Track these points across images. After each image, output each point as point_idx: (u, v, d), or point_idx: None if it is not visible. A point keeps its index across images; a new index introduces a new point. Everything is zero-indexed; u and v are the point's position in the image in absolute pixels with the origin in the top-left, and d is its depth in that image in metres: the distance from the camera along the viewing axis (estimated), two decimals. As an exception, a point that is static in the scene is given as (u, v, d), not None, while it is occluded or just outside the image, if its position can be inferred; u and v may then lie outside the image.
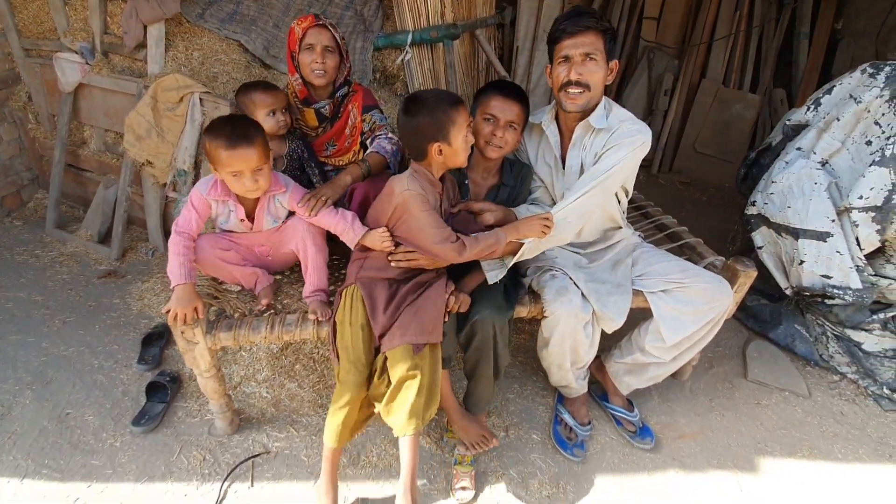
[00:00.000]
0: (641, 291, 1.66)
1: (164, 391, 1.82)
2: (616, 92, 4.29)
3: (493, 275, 1.52)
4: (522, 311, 1.64)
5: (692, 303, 1.58)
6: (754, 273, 1.70)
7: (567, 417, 1.78)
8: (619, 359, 1.79)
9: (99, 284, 2.40)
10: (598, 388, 1.94)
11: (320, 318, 1.49)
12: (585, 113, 1.54)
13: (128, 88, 2.42)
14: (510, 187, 1.67)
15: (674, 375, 2.05)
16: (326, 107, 1.85)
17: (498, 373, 1.63)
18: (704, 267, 1.88)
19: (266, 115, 1.69)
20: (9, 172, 2.84)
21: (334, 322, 1.45)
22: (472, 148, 1.46)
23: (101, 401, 1.81)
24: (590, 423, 1.80)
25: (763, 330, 2.30)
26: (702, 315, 1.59)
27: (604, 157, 1.53)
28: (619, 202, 1.72)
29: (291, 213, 1.59)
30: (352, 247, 1.51)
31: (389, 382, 1.37)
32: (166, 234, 2.66)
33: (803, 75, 3.87)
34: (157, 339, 2.06)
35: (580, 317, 1.55)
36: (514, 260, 1.52)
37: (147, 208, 2.59)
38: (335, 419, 1.39)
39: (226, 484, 1.56)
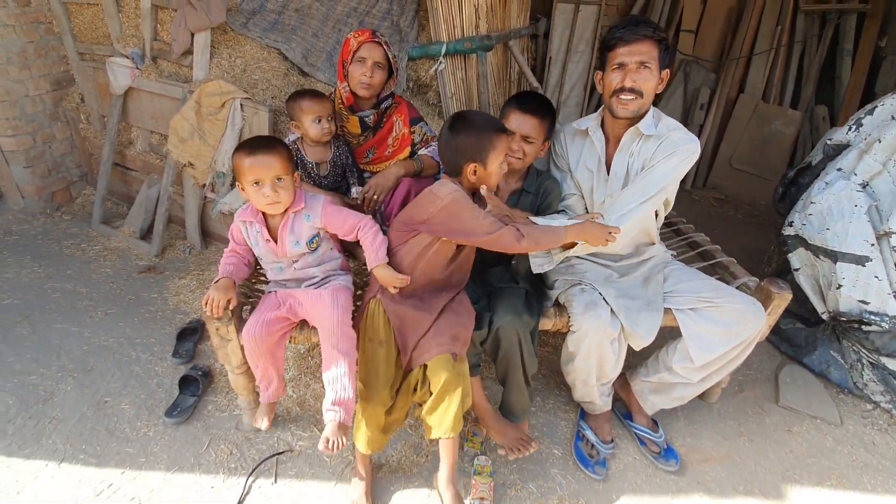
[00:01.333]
0: (670, 309, 1.64)
1: (196, 385, 1.88)
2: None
3: (538, 263, 1.57)
4: (547, 324, 1.64)
5: (723, 323, 1.55)
6: (789, 296, 1.65)
7: (589, 434, 1.76)
8: (644, 377, 1.76)
9: (139, 279, 2.51)
10: (622, 405, 1.91)
11: (331, 452, 1.33)
12: (634, 120, 1.55)
13: (174, 93, 2.53)
14: (532, 194, 1.69)
15: (702, 397, 2.01)
16: (371, 116, 1.91)
17: (528, 380, 1.64)
18: (737, 287, 1.84)
19: (312, 122, 1.75)
20: (60, 169, 3.00)
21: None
22: None
23: (136, 391, 1.89)
24: (613, 441, 1.78)
25: (797, 355, 2.23)
26: (732, 336, 1.56)
27: (657, 164, 1.53)
28: (657, 216, 1.71)
29: (313, 239, 1.54)
30: (368, 267, 1.50)
31: (430, 392, 1.41)
32: (203, 232, 2.76)
33: (846, 93, 3.74)
34: (192, 334, 2.14)
35: (608, 332, 1.53)
36: (566, 254, 1.53)
37: (186, 207, 2.70)
38: (359, 430, 1.45)
39: (251, 479, 1.61)
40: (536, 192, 1.68)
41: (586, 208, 1.76)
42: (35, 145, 2.82)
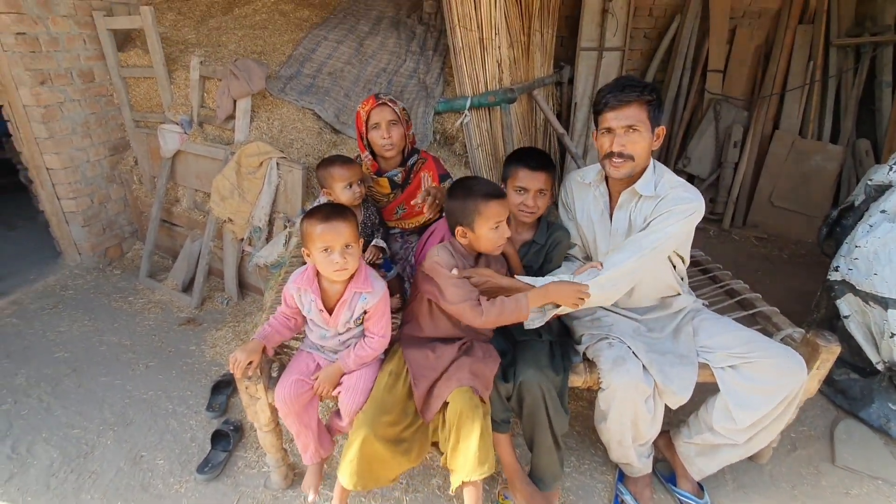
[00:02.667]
0: (708, 365, 1.56)
1: (228, 440, 1.90)
2: (680, 144, 4.20)
3: (532, 321, 1.51)
4: (577, 381, 1.59)
5: (761, 380, 1.46)
6: (838, 349, 1.54)
7: (628, 499, 1.65)
8: (687, 438, 1.65)
9: (179, 331, 2.61)
10: (665, 467, 1.79)
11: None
12: (632, 179, 1.54)
13: (217, 154, 2.71)
14: (540, 245, 1.69)
15: (751, 458, 1.86)
16: (399, 174, 1.98)
17: (557, 443, 1.57)
18: (781, 340, 1.74)
19: (343, 188, 1.79)
20: (114, 227, 3.23)
21: None
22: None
23: (171, 445, 1.93)
24: (654, 507, 1.66)
25: (853, 408, 2.05)
26: (772, 394, 1.46)
27: (653, 223, 1.50)
28: (675, 268, 1.65)
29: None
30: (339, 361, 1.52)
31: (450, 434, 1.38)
32: (241, 284, 2.87)
33: (889, 125, 3.59)
34: (225, 387, 2.18)
35: (640, 389, 1.46)
36: (555, 313, 1.48)
37: (225, 261, 2.82)
38: (345, 459, 1.39)
39: (276, 541, 1.59)
40: (545, 243, 1.68)
41: (588, 256, 1.74)
42: (92, 206, 3.05)
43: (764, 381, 1.46)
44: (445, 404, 1.41)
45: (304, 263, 1.51)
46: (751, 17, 3.93)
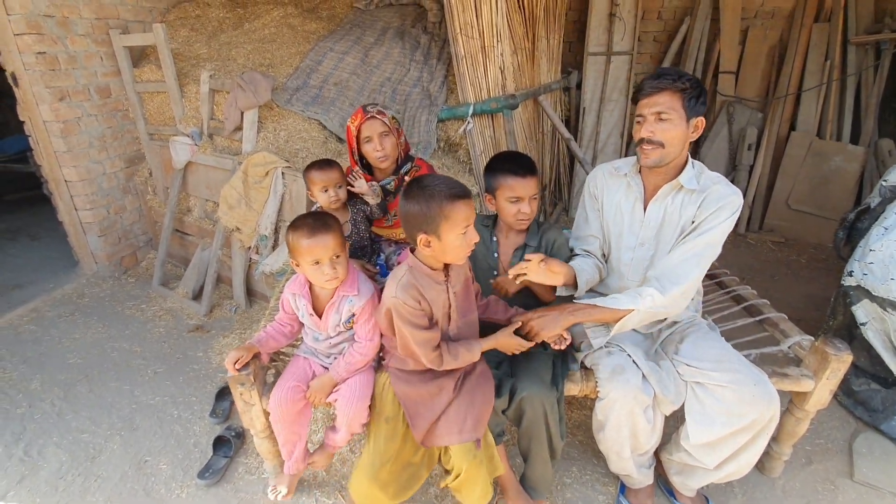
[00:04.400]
0: None
1: (229, 445, 1.92)
2: (694, 147, 4.12)
3: (598, 342, 1.53)
4: (573, 389, 1.56)
5: (723, 402, 1.40)
6: (849, 358, 1.47)
7: (627, 512, 1.61)
8: (668, 455, 1.61)
9: (188, 338, 2.66)
10: (666, 481, 1.74)
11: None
12: (670, 170, 1.51)
13: (225, 165, 2.77)
14: (533, 248, 1.64)
15: (762, 470, 1.80)
16: (392, 182, 1.99)
17: (554, 454, 1.54)
18: (789, 348, 1.68)
19: (320, 191, 1.84)
20: (129, 236, 3.32)
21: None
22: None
23: (174, 450, 1.96)
24: (655, 520, 1.61)
25: (874, 421, 1.96)
26: (734, 419, 1.39)
27: (707, 223, 1.45)
28: None
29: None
30: (331, 371, 1.52)
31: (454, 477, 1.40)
32: (248, 292, 2.92)
33: (914, 124, 3.46)
34: (229, 394, 2.21)
35: (639, 399, 1.43)
36: (616, 330, 1.47)
37: (234, 269, 2.87)
38: (356, 493, 1.42)
39: (272, 548, 1.59)
40: (539, 244, 1.64)
41: (604, 255, 1.70)
42: (108, 216, 3.15)
43: (725, 405, 1.40)
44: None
45: None
46: (763, 16, 3.85)
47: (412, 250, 1.32)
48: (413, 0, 3.73)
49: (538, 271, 1.43)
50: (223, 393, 2.20)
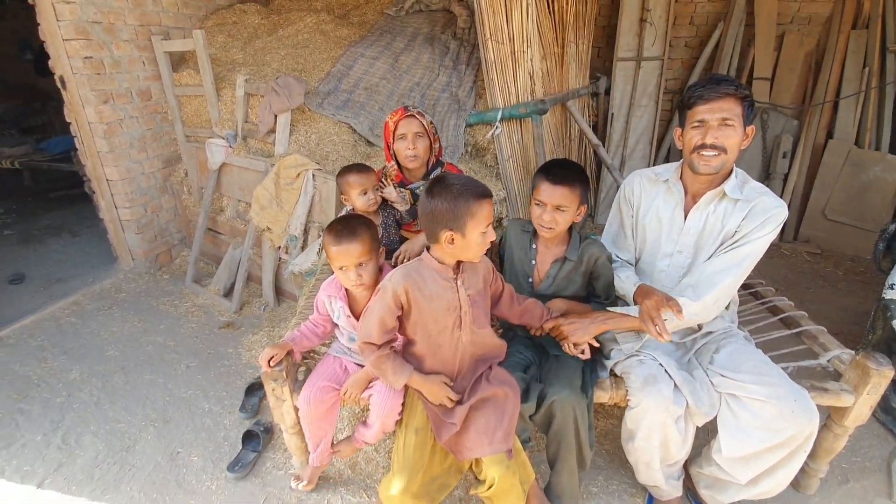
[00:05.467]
0: None
1: (258, 440, 1.97)
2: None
3: (629, 347, 1.55)
4: (603, 397, 1.54)
5: (759, 417, 1.36)
6: (891, 373, 1.42)
7: (655, 523, 1.58)
8: (699, 468, 1.57)
9: (219, 334, 2.73)
10: (695, 494, 1.70)
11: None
12: (716, 178, 1.48)
13: (258, 167, 2.84)
14: (574, 262, 1.62)
15: (797, 488, 1.75)
16: (421, 187, 2.01)
17: (583, 463, 1.53)
18: (828, 361, 1.63)
19: (359, 195, 1.87)
20: (164, 234, 3.43)
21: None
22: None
23: (205, 443, 2.01)
24: (684, 533, 1.58)
25: (918, 441, 1.88)
26: (771, 435, 1.35)
27: (750, 235, 1.44)
28: None
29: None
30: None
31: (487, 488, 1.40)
32: (277, 291, 2.98)
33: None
34: (258, 389, 2.26)
35: (671, 410, 1.41)
36: (647, 337, 1.50)
37: (264, 268, 2.94)
38: (390, 497, 1.41)
39: (299, 543, 1.62)
40: (580, 259, 1.62)
41: (636, 261, 1.69)
42: (146, 214, 3.26)
43: (762, 419, 1.36)
44: None
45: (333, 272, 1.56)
46: (799, 22, 3.76)
47: (427, 248, 1.36)
48: (443, 6, 3.76)
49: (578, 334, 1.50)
50: (252, 389, 2.25)
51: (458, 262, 1.35)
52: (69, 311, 2.90)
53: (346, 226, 1.44)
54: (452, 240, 1.26)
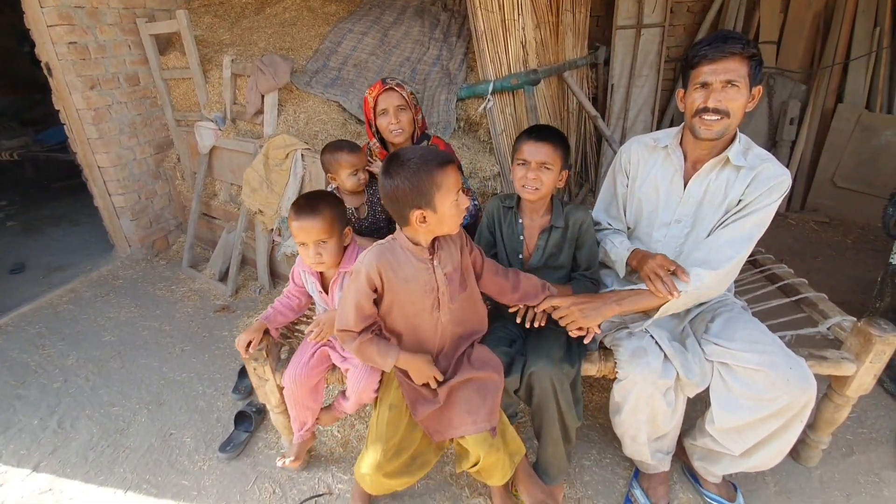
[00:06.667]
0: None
1: (250, 421, 1.96)
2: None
3: (636, 325, 1.49)
4: (591, 370, 1.50)
5: (752, 386, 1.31)
6: (895, 340, 1.36)
7: (639, 495, 1.55)
8: (692, 440, 1.53)
9: (214, 318, 2.73)
10: (691, 467, 1.66)
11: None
12: (718, 144, 1.40)
13: (247, 148, 2.80)
14: (561, 229, 1.56)
15: (797, 459, 1.71)
16: None
17: (568, 437, 1.50)
18: (828, 329, 1.56)
19: (349, 175, 1.82)
20: (160, 220, 3.43)
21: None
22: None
23: (198, 424, 2.01)
24: (668, 506, 1.54)
25: (926, 410, 1.81)
26: (762, 405, 1.30)
27: (756, 203, 1.37)
28: None
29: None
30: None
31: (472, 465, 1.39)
32: (272, 273, 2.96)
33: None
34: (251, 372, 2.26)
35: (659, 384, 1.36)
36: (659, 315, 1.41)
37: (258, 251, 2.92)
38: (359, 469, 1.41)
39: (289, 521, 1.62)
40: (566, 225, 1.57)
41: (628, 230, 1.62)
42: (140, 201, 3.25)
43: (754, 389, 1.31)
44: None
45: None
46: (809, -19, 3.58)
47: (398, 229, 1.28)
48: (434, -22, 3.65)
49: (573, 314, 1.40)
50: (245, 371, 2.24)
51: (434, 240, 1.28)
52: (67, 298, 2.92)
53: (309, 201, 1.40)
54: (424, 218, 1.18)
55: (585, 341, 1.41)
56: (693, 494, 1.63)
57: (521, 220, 1.61)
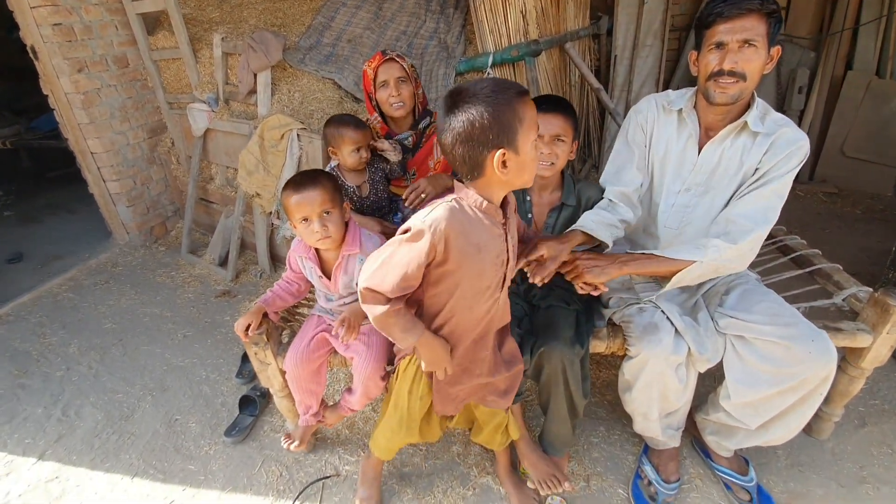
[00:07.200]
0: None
1: (255, 405, 1.95)
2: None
3: (646, 294, 1.44)
4: (599, 346, 1.47)
5: (773, 360, 1.27)
6: (914, 309, 1.31)
7: (649, 471, 1.53)
8: (705, 415, 1.51)
9: (215, 303, 2.70)
10: (702, 441, 1.64)
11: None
12: (734, 108, 1.32)
13: (242, 130, 2.73)
14: (572, 207, 1.51)
15: (809, 432, 1.69)
16: (409, 138, 1.89)
17: (575, 413, 1.48)
18: (844, 300, 1.52)
19: (351, 151, 1.76)
20: (157, 206, 3.38)
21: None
22: None
23: (203, 409, 2.00)
24: (677, 481, 1.52)
25: (940, 381, 1.78)
26: (781, 379, 1.27)
27: (772, 169, 1.30)
28: None
29: None
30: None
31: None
32: (273, 257, 2.92)
33: None
34: (254, 356, 2.24)
35: (671, 360, 1.32)
36: (671, 286, 1.34)
37: (257, 235, 2.88)
38: (384, 442, 1.42)
39: (297, 503, 1.61)
40: (577, 202, 1.51)
41: (640, 199, 1.53)
42: (135, 187, 3.20)
43: (772, 362, 1.27)
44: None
45: None
46: (819, -59, 3.43)
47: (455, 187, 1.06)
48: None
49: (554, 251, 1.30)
50: (248, 355, 2.23)
51: (504, 202, 1.08)
52: (66, 286, 2.89)
53: (305, 175, 1.35)
54: (505, 161, 0.95)
55: (593, 293, 1.31)
56: (704, 469, 1.62)
57: (528, 197, 1.55)
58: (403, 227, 1.01)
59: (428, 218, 0.98)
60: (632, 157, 1.52)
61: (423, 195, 1.69)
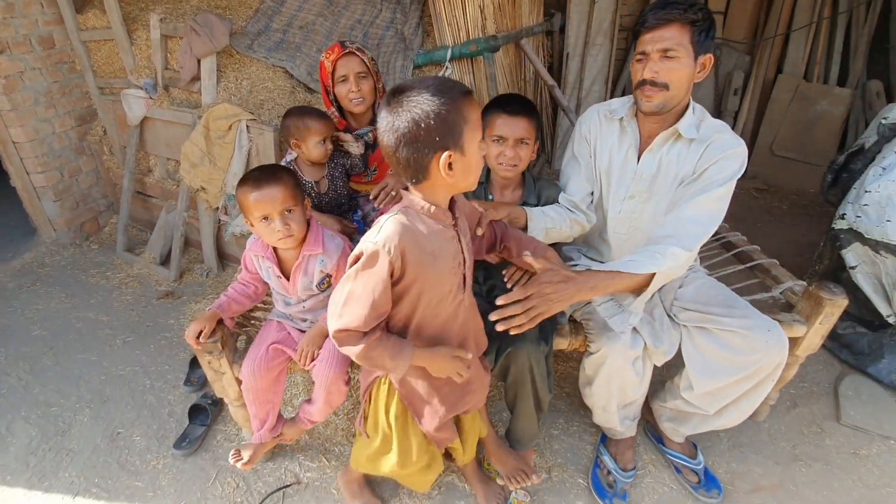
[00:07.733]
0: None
1: (206, 414, 1.85)
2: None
3: (616, 321, 1.38)
4: (562, 343, 1.50)
5: (730, 348, 1.35)
6: (844, 302, 1.44)
7: (607, 460, 1.60)
8: (661, 402, 1.59)
9: (157, 305, 2.53)
10: (655, 428, 1.73)
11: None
12: (668, 116, 1.35)
13: (184, 119, 2.55)
14: (533, 205, 1.53)
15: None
16: (369, 133, 1.83)
17: (541, 408, 1.51)
18: (781, 293, 1.64)
19: (317, 143, 1.69)
20: (87, 200, 3.11)
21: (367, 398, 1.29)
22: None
23: (148, 421, 1.88)
24: (634, 468, 1.60)
25: (860, 364, 1.97)
26: (739, 367, 1.35)
27: (707, 173, 1.32)
28: None
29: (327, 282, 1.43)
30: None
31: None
32: (220, 255, 2.77)
33: (905, 64, 3.37)
34: (204, 361, 2.12)
35: (629, 354, 1.38)
36: (638, 305, 1.35)
37: (202, 231, 2.72)
38: (364, 461, 1.37)
39: (256, 514, 1.55)
40: (538, 201, 1.54)
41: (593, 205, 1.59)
42: (63, 179, 2.93)
43: (732, 351, 1.34)
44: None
45: None
46: (755, -50, 3.64)
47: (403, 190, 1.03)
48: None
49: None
50: (197, 361, 2.10)
51: (452, 202, 1.04)
52: (-15, 290, 2.62)
53: (264, 171, 1.28)
54: (451, 164, 0.92)
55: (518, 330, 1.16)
56: (656, 455, 1.71)
57: (491, 196, 1.56)
58: (354, 253, 0.97)
59: (379, 238, 0.94)
60: (578, 168, 1.56)
61: (392, 193, 1.65)
